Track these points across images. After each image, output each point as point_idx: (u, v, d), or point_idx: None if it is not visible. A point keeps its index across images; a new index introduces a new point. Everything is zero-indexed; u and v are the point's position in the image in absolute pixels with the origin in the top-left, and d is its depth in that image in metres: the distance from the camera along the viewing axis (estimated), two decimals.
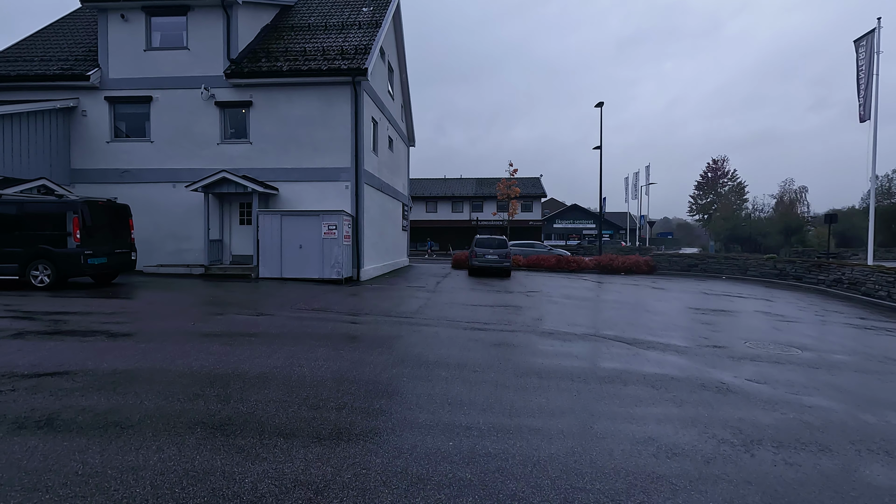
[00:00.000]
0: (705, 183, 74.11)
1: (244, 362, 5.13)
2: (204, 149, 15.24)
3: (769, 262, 19.96)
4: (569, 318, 9.59)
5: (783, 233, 50.01)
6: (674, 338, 7.93)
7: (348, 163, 14.89)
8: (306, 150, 15.06)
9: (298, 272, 13.91)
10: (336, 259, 13.74)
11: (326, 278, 13.81)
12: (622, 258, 22.97)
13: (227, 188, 14.25)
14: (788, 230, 49.85)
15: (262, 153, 15.16)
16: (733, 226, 64.02)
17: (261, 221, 14.00)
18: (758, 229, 53.55)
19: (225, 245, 15.36)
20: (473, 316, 9.19)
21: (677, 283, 18.23)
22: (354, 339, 6.65)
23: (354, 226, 14.90)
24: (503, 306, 10.72)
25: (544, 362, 5.85)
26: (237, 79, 14.79)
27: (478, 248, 18.95)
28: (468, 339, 6.97)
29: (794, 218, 51.60)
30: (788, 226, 49.60)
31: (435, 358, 5.76)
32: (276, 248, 13.95)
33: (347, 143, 14.87)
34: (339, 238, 13.74)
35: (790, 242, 53.84)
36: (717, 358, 6.64)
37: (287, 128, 15.07)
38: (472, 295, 12.60)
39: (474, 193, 50.08)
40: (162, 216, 15.26)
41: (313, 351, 5.78)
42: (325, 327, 7.32)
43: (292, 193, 15.13)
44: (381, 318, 8.55)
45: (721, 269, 21.68)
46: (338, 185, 14.97)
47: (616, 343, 7.27)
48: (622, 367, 5.85)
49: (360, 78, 14.50)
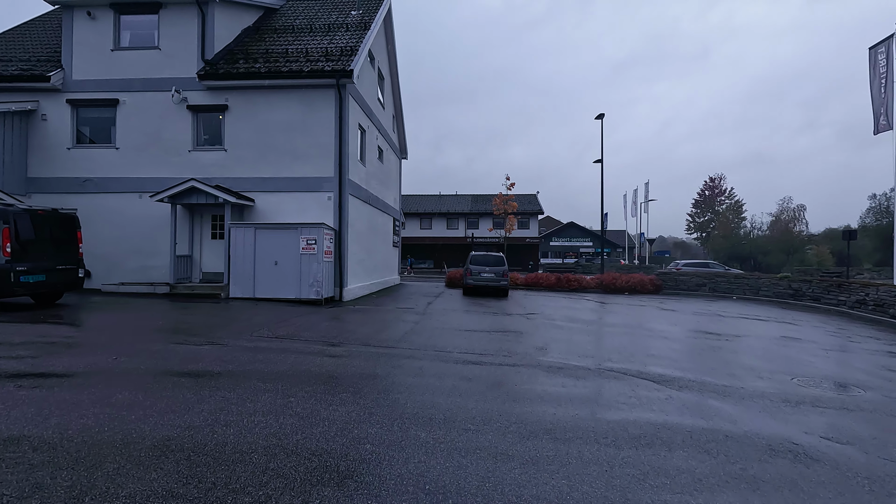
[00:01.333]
0: (703, 201, 73.54)
1: (148, 419, 3.75)
2: (174, 156, 13.97)
3: (783, 281, 18.75)
4: (576, 346, 8.24)
5: (784, 251, 49.13)
6: (705, 372, 6.60)
7: (331, 172, 13.65)
8: (286, 158, 13.82)
9: (273, 291, 12.51)
10: (315, 277, 12.38)
11: (304, 298, 12.41)
12: (625, 277, 21.72)
13: (197, 198, 12.94)
14: (789, 248, 48.98)
15: (238, 161, 13.90)
16: (732, 244, 63.22)
17: (232, 235, 12.66)
18: (758, 248, 52.67)
19: (195, 261, 13.97)
20: (467, 344, 7.82)
21: (686, 304, 16.95)
22: (315, 379, 5.27)
23: (337, 240, 13.58)
24: (501, 332, 9.36)
25: (557, 413, 4.50)
26: (211, 80, 13.62)
27: (473, 266, 17.65)
28: (459, 378, 5.61)
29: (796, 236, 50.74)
30: (789, 244, 48.70)
31: (415, 408, 4.40)
32: (248, 264, 12.58)
33: (331, 151, 13.66)
34: (318, 254, 12.40)
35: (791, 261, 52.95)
36: (769, 402, 5.31)
37: (265, 134, 13.86)
38: (467, 318, 11.24)
39: (469, 210, 49.00)
40: (127, 229, 13.89)
41: (254, 399, 4.40)
42: (283, 362, 5.94)
43: (270, 205, 13.84)
44: (356, 348, 7.17)
45: (731, 289, 20.44)
46: (320, 196, 13.70)
47: (640, 381, 5.93)
48: (658, 418, 4.50)
49: (345, 80, 13.37)
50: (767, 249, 51.98)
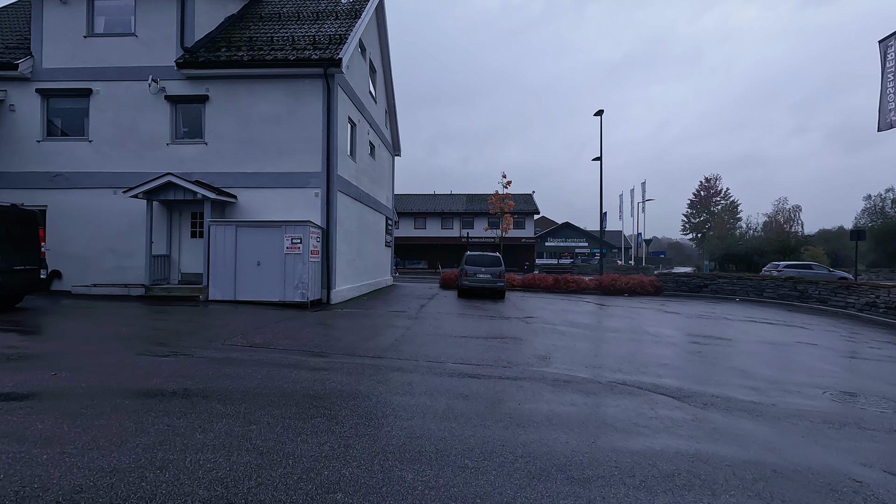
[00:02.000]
0: (698, 201, 73.31)
1: (63, 460, 2.99)
2: (151, 150, 13.15)
3: (788, 282, 18.19)
4: (581, 354, 7.54)
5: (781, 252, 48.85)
6: (728, 386, 5.93)
7: (319, 167, 12.89)
8: (271, 152, 13.04)
9: (256, 294, 11.73)
10: (300, 278, 11.61)
11: (288, 301, 11.64)
12: (625, 278, 21.10)
13: (175, 194, 12.13)
14: (786, 249, 48.65)
15: (220, 155, 13.10)
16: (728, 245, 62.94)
17: (212, 233, 11.86)
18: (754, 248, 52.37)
19: (173, 261, 13.15)
20: (463, 354, 7.10)
21: (689, 306, 16.32)
22: (287, 399, 4.53)
23: (325, 239, 12.82)
24: (499, 338, 8.65)
25: (570, 442, 3.79)
26: (191, 69, 12.81)
27: (468, 267, 16.93)
28: (454, 396, 4.89)
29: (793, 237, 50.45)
30: (786, 245, 48.39)
31: (401, 438, 3.67)
32: (229, 264, 11.79)
33: (318, 145, 12.90)
34: (304, 254, 11.63)
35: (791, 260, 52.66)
36: (808, 424, 4.63)
37: (249, 127, 13.07)
38: (462, 323, 10.52)
39: (464, 210, 48.30)
40: (101, 227, 13.06)
41: (207, 428, 3.65)
42: (253, 377, 5.19)
43: (253, 202, 13.05)
44: (340, 359, 6.43)
45: (734, 290, 19.86)
46: (306, 193, 12.93)
47: (657, 397, 5.24)
48: (689, 447, 3.80)
49: (333, 70, 12.62)
50: (763, 250, 51.62)
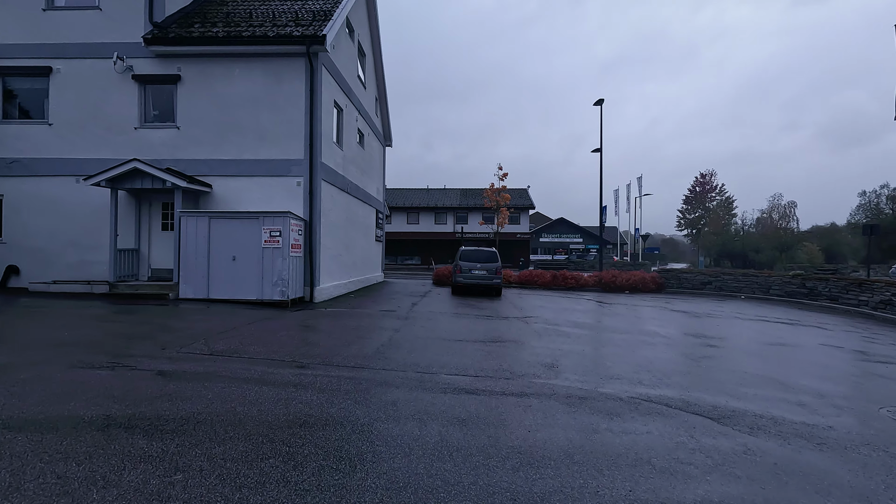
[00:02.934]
0: (693, 197, 72.66)
1: None
2: (118, 134, 12.05)
3: (796, 279, 17.44)
4: (592, 361, 6.64)
5: (777, 248, 48.43)
6: (769, 401, 5.05)
7: (301, 154, 11.86)
8: (249, 137, 11.99)
9: (231, 292, 10.72)
10: (280, 275, 10.61)
11: (267, 300, 10.65)
12: (626, 275, 20.28)
13: (142, 182, 11.05)
14: (783, 245, 48.30)
15: (193, 141, 12.03)
16: (723, 241, 62.61)
17: (183, 225, 10.82)
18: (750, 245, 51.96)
19: (142, 256, 12.09)
20: (458, 361, 6.17)
21: (695, 304, 15.52)
22: (232, 431, 3.57)
23: (308, 232, 11.81)
24: (498, 342, 7.72)
25: (601, 491, 2.87)
26: (160, 46, 11.71)
27: (463, 263, 15.99)
28: (448, 421, 3.96)
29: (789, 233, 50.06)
30: (783, 241, 47.98)
31: (377, 493, 2.73)
32: (202, 259, 10.77)
33: (301, 130, 11.86)
34: (283, 247, 10.62)
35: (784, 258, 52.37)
36: (886, 456, 3.75)
37: (225, 110, 12.00)
38: (456, 324, 9.58)
39: (459, 204, 47.32)
40: (63, 219, 11.97)
41: (108, 482, 2.68)
42: (200, 398, 4.22)
43: (230, 191, 12.00)
44: (313, 369, 5.47)
45: (739, 288, 19.10)
46: (288, 182, 11.91)
47: (693, 419, 4.34)
48: (755, 497, 2.90)
49: (317, 48, 11.58)
50: (760, 247, 51.27)
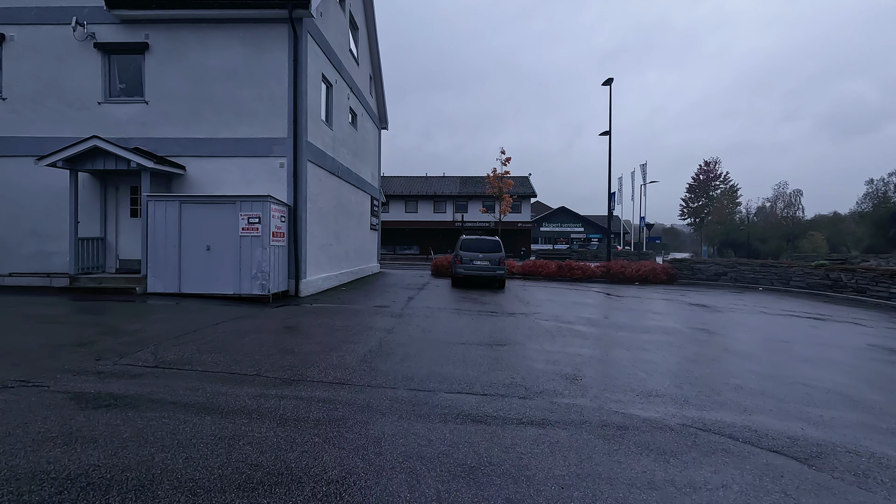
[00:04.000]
0: (697, 186, 71.36)
1: None
2: (80, 110, 10.82)
3: (819, 270, 16.34)
4: (623, 372, 5.54)
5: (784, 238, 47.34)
6: (856, 428, 3.96)
7: (284, 132, 10.66)
8: (226, 113, 10.77)
9: (205, 285, 9.59)
10: (259, 266, 9.47)
11: (245, 295, 9.53)
12: (635, 265, 19.17)
13: (105, 163, 9.86)
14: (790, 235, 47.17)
15: (164, 117, 10.81)
16: (728, 230, 61.52)
17: (150, 211, 9.65)
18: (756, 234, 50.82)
19: (109, 246, 10.93)
20: (461, 373, 5.07)
21: (712, 297, 14.43)
22: (133, 500, 2.45)
23: (292, 219, 10.66)
24: (505, 345, 6.62)
25: None
26: (125, 10, 10.44)
27: (464, 253, 14.86)
28: (450, 472, 2.84)
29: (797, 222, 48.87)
30: (790, 230, 46.82)
31: None
32: (172, 250, 9.62)
33: (283, 105, 10.65)
34: (263, 236, 9.48)
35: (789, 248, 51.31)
36: None
37: (199, 83, 10.77)
38: (457, 322, 8.47)
39: (458, 192, 46.04)
40: (19, 205, 10.79)
41: None
42: (113, 439, 3.11)
43: (206, 173, 10.81)
44: (279, 389, 4.36)
45: (756, 279, 18.00)
46: (270, 164, 10.72)
47: (776, 459, 3.25)
48: None
49: (301, 13, 10.32)
50: (766, 236, 50.16)
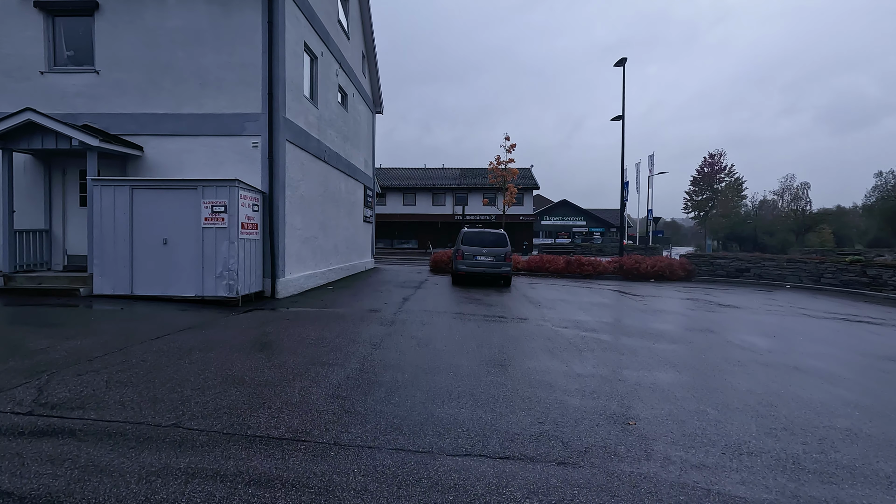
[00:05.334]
0: (701, 178, 69.87)
1: None
2: (19, 81, 9.29)
3: (854, 266, 14.93)
4: (687, 410, 4.09)
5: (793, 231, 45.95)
6: None
7: (258, 106, 9.16)
8: (190, 84, 9.25)
9: (162, 286, 8.13)
10: (226, 263, 8.00)
11: (209, 297, 8.06)
12: (649, 260, 17.75)
13: (43, 141, 8.35)
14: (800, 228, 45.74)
15: (118, 89, 9.29)
16: (733, 223, 60.16)
17: (96, 197, 8.16)
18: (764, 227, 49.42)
19: (55, 239, 9.44)
20: (467, 415, 3.63)
21: (740, 296, 13.02)
22: None
23: (268, 208, 9.18)
24: (523, 365, 5.18)
25: None
26: None
27: (466, 247, 13.39)
28: None
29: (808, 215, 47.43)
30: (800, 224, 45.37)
31: None
32: (123, 243, 8.14)
33: (257, 75, 9.14)
34: (230, 227, 8.00)
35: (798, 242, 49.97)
36: None
37: (158, 49, 9.24)
38: (460, 331, 7.02)
39: (458, 185, 44.47)
40: None
41: None
42: None
43: (167, 155, 9.31)
44: (193, 455, 2.91)
45: (783, 276, 16.59)
46: (241, 143, 9.22)
47: None
48: None
49: None
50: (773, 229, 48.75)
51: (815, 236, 55.97)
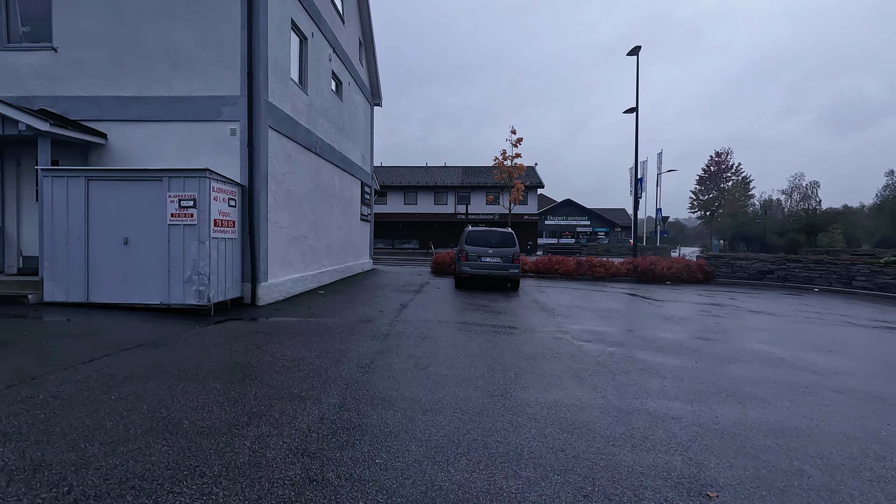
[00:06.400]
0: (708, 178, 68.72)
1: None
2: None
3: (890, 268, 13.80)
4: (782, 467, 3.00)
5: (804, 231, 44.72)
6: None
7: (236, 88, 8.09)
8: (159, 63, 8.20)
9: (123, 293, 7.06)
10: (195, 266, 6.94)
11: (176, 305, 7.00)
12: (666, 262, 16.64)
13: None
14: (811, 228, 44.43)
15: (78, 70, 8.24)
16: (740, 223, 58.92)
17: (46, 190, 7.10)
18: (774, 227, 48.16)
19: (9, 238, 8.38)
20: (482, 486, 2.54)
21: (769, 301, 11.92)
22: None
23: (247, 203, 8.12)
24: (547, 399, 4.10)
25: None
26: None
27: (470, 247, 12.31)
28: None
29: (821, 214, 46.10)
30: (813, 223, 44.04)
31: None
32: (77, 242, 7.09)
33: (235, 52, 8.08)
34: (200, 224, 6.93)
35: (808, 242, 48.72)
36: None
37: (123, 23, 8.19)
38: (465, 347, 5.94)
39: (461, 183, 43.35)
40: None
41: None
42: None
43: (134, 143, 8.26)
44: None
45: (810, 278, 15.46)
46: (217, 130, 8.16)
47: None
48: None
49: None
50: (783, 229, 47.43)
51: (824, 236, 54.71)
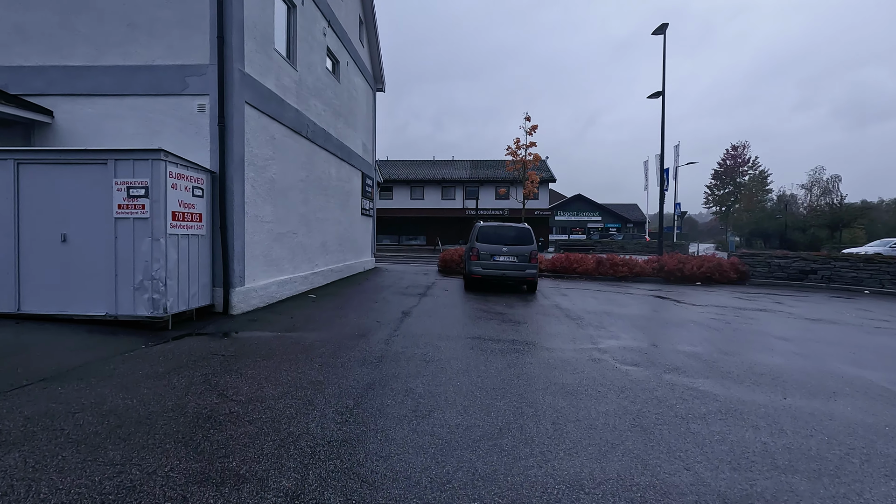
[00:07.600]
0: (724, 172, 66.62)
1: None
2: None
3: None
4: None
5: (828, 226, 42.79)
6: None
7: (205, 55, 6.77)
8: (114, 26, 6.89)
9: (61, 301, 5.79)
10: (149, 270, 5.64)
11: (125, 317, 5.71)
12: (695, 261, 15.16)
13: None
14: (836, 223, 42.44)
15: (18, 34, 6.97)
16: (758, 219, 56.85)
17: None
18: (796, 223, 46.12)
19: None
20: None
21: (820, 305, 10.45)
22: None
23: (218, 193, 6.81)
24: (607, 469, 2.74)
25: None
26: None
27: (482, 245, 10.94)
28: None
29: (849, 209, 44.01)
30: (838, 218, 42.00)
31: None
32: (7, 240, 5.82)
33: (204, 13, 6.75)
34: (154, 217, 5.63)
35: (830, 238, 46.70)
36: None
37: None
38: (479, 375, 4.58)
39: (469, 177, 41.87)
40: None
41: None
42: None
43: (84, 121, 6.97)
44: None
45: (859, 278, 13.90)
46: (182, 106, 6.85)
47: None
48: None
49: None
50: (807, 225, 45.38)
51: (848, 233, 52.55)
